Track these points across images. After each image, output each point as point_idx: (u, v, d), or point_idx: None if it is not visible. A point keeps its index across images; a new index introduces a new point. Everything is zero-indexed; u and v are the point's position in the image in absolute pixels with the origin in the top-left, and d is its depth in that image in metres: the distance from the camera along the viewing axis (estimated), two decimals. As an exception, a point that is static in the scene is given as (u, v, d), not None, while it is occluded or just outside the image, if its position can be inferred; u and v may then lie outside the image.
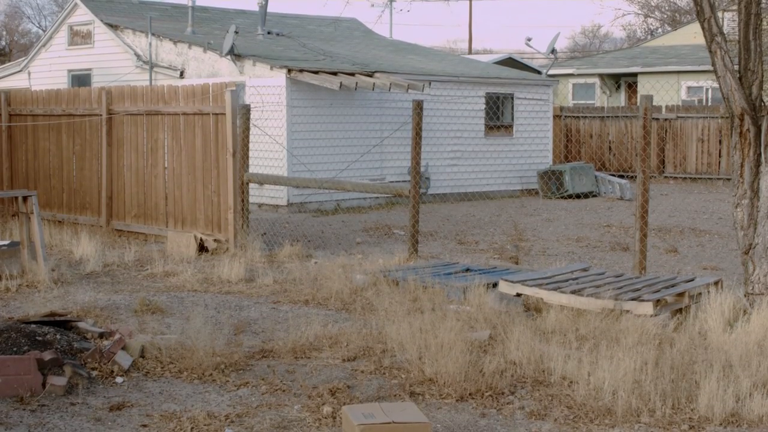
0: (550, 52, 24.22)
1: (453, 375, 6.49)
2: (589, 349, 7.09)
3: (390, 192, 13.50)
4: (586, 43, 65.86)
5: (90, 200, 14.65)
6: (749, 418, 5.89)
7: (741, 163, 8.41)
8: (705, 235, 14.93)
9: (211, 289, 10.10)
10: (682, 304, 8.38)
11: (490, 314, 8.27)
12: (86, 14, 22.66)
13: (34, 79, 23.48)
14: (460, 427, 5.83)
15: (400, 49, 25.06)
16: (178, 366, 6.92)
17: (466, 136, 21.51)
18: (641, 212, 9.70)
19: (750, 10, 8.24)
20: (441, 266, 10.69)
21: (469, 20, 49.79)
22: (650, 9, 53.40)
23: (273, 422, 5.85)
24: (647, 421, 5.87)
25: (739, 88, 8.30)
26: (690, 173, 25.10)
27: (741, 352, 6.91)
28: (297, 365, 7.09)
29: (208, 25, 23.22)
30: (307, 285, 10.11)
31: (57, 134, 15.13)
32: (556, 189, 21.45)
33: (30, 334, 6.81)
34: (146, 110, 13.71)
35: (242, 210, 12.46)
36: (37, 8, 79.05)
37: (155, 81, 20.51)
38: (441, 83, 20.81)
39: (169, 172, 13.43)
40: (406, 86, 18.84)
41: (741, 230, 8.45)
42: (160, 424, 5.82)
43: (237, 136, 12.44)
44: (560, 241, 14.24)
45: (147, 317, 8.64)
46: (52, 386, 6.25)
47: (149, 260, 11.70)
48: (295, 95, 18.46)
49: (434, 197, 19.96)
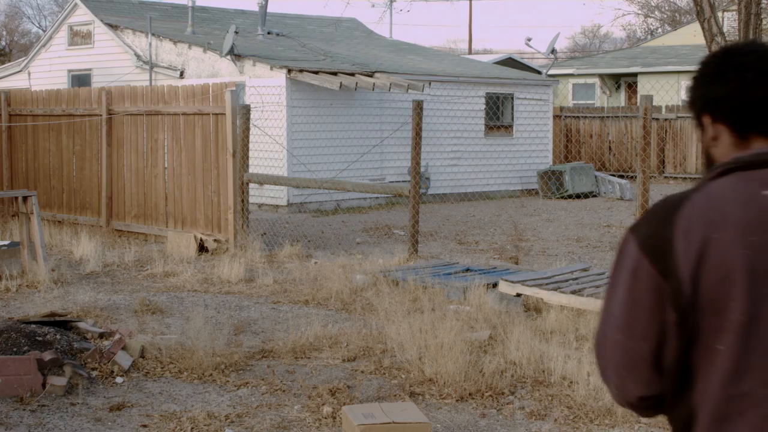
0: (550, 52, 24.22)
1: (453, 375, 6.49)
2: (589, 349, 7.09)
3: (390, 192, 13.51)
4: (586, 43, 65.89)
5: (90, 200, 14.65)
6: (749, 418, 5.89)
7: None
8: (705, 235, 14.91)
9: (211, 289, 10.10)
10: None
11: (490, 314, 8.27)
12: (86, 14, 22.66)
13: (34, 79, 23.48)
14: (460, 427, 5.83)
15: (400, 49, 25.07)
16: (178, 366, 6.92)
17: (466, 136, 21.51)
18: (641, 212, 9.70)
19: (750, 10, 8.25)
20: (441, 266, 10.69)
21: (469, 20, 49.82)
22: (650, 9, 53.42)
23: (273, 422, 5.85)
24: (647, 421, 5.87)
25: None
26: (690, 173, 25.10)
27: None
28: (297, 365, 7.09)
29: (208, 25, 23.23)
30: (307, 285, 10.11)
31: (57, 134, 15.13)
32: (556, 189, 21.46)
33: (30, 334, 6.81)
34: (146, 110, 13.71)
35: (242, 210, 12.46)
36: (37, 8, 79.12)
37: (155, 81, 20.51)
38: (441, 83, 20.81)
39: (169, 172, 13.43)
40: (406, 86, 18.84)
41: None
42: (160, 425, 5.82)
43: (237, 137, 12.44)
44: (560, 241, 14.24)
45: (147, 317, 8.64)
46: (52, 386, 6.26)
47: (149, 260, 11.70)
48: (295, 95, 18.47)
49: (434, 197, 19.96)
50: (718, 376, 2.00)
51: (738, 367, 1.99)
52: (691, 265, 1.99)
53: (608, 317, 2.10)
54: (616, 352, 2.08)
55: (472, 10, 50.49)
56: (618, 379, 2.10)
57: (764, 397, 1.98)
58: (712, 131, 2.16)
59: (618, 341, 2.07)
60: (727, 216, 2.01)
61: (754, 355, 1.98)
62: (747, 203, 2.02)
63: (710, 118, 2.16)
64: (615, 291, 2.10)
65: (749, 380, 1.98)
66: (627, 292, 2.06)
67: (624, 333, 2.06)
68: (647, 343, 2.04)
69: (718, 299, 1.99)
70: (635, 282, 2.05)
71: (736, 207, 2.02)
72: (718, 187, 2.06)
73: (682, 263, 2.00)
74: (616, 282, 2.10)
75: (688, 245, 2.00)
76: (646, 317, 2.03)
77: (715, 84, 2.14)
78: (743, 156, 2.09)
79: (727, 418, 2.00)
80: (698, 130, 2.23)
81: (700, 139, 2.23)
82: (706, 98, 2.16)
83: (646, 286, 2.03)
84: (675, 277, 2.00)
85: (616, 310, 2.08)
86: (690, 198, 2.06)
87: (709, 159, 2.20)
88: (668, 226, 2.03)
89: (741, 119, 2.11)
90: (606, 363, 2.12)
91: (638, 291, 2.04)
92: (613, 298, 2.10)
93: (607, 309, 2.11)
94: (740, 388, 1.99)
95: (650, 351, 2.04)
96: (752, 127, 2.11)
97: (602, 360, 2.13)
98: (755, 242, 1.99)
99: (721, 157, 2.15)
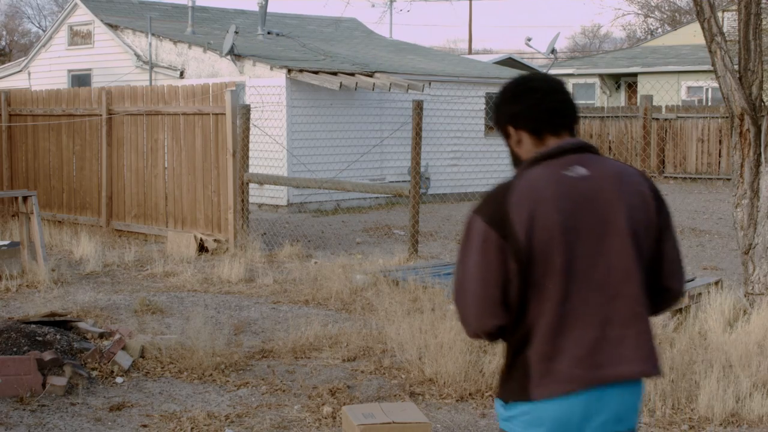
0: (550, 52, 24.22)
1: (453, 375, 6.49)
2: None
3: (390, 192, 13.50)
4: (586, 43, 65.88)
5: (90, 200, 14.65)
6: (749, 418, 5.89)
7: (741, 163, 8.41)
8: (705, 235, 14.93)
9: (211, 289, 10.10)
10: (682, 304, 8.38)
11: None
12: (86, 14, 22.66)
13: (34, 79, 23.48)
14: (460, 427, 5.83)
15: (400, 49, 25.07)
16: (178, 366, 6.92)
17: (466, 136, 21.51)
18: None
19: (750, 10, 8.23)
20: (441, 266, 10.69)
21: (469, 20, 49.82)
22: (650, 9, 53.42)
23: (273, 422, 5.85)
24: (647, 421, 5.87)
25: (739, 88, 8.30)
26: (690, 173, 25.11)
27: (741, 352, 6.91)
28: (297, 365, 7.09)
29: (208, 25, 23.23)
30: (307, 285, 10.11)
31: (57, 134, 15.13)
32: (556, 189, 21.45)
33: (30, 334, 6.81)
34: (146, 110, 13.71)
35: (242, 210, 12.46)
36: (37, 8, 79.11)
37: (155, 81, 20.51)
38: (441, 83, 20.81)
39: (169, 172, 13.44)
40: (406, 86, 18.84)
41: (741, 230, 8.45)
42: (160, 425, 5.82)
43: (237, 136, 12.44)
44: (560, 241, 14.22)
45: (147, 317, 8.64)
46: (52, 386, 6.26)
47: (149, 260, 11.70)
48: (295, 95, 18.46)
49: (434, 197, 19.96)
50: (550, 302, 2.84)
51: (564, 295, 2.85)
52: (524, 229, 2.83)
53: (465, 275, 2.90)
54: (476, 298, 2.88)
55: (472, 10, 50.51)
56: (477, 317, 2.91)
57: (583, 312, 2.86)
58: (516, 137, 3.03)
59: (477, 290, 2.87)
60: (544, 193, 2.87)
61: (573, 285, 2.85)
62: (556, 182, 2.89)
63: (513, 128, 3.03)
64: (469, 255, 2.90)
65: (571, 302, 2.85)
66: (480, 255, 2.87)
67: (480, 284, 2.86)
68: (498, 288, 2.86)
69: (545, 251, 2.83)
70: (486, 246, 2.86)
71: (549, 185, 2.88)
72: (533, 173, 2.93)
73: (518, 229, 2.83)
74: (469, 249, 2.90)
75: (520, 216, 2.84)
76: (496, 270, 2.85)
77: (514, 103, 3.01)
78: (545, 151, 2.97)
79: (560, 328, 2.85)
80: (505, 138, 3.09)
81: (507, 144, 3.10)
82: (509, 113, 3.03)
83: (494, 248, 2.85)
84: (514, 239, 2.83)
85: (473, 269, 2.88)
86: (515, 183, 2.94)
87: (516, 157, 3.08)
88: (504, 204, 2.88)
89: (537, 125, 2.99)
90: (466, 307, 2.92)
91: (489, 252, 2.85)
92: (469, 261, 2.89)
93: (464, 269, 2.91)
94: (566, 308, 2.85)
95: (500, 293, 2.86)
96: (546, 130, 2.99)
97: (463, 306, 2.93)
98: (565, 208, 2.86)
99: (526, 154, 3.03)
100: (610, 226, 2.89)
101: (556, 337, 2.85)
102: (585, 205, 2.89)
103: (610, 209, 2.90)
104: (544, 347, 2.85)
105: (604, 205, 2.90)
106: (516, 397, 2.92)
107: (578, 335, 2.85)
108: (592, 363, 2.85)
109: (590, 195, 2.90)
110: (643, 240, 2.93)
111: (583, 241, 2.87)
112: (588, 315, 2.86)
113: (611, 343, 2.87)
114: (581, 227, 2.87)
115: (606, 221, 2.89)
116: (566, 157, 2.95)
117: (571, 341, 2.85)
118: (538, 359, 2.86)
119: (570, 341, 2.85)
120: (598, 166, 2.95)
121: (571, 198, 2.87)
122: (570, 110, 3.02)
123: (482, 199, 3.00)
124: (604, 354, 2.87)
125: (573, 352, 2.85)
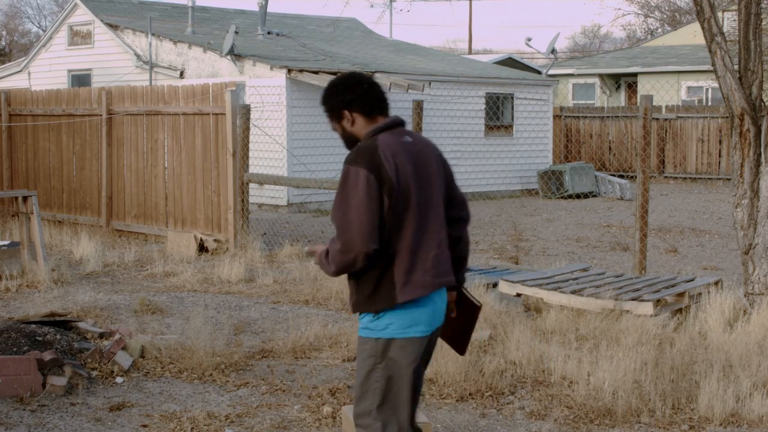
0: (550, 52, 24.22)
1: (453, 375, 6.49)
2: (589, 349, 7.10)
3: (390, 192, 13.48)
4: (586, 43, 65.88)
5: (90, 200, 14.65)
6: (749, 418, 5.89)
7: (741, 163, 8.41)
8: (705, 235, 14.93)
9: (211, 289, 10.10)
10: (682, 304, 8.38)
11: (490, 314, 8.27)
12: (86, 14, 22.66)
13: (34, 79, 23.49)
14: (460, 427, 5.83)
15: (400, 49, 25.07)
16: (178, 366, 6.92)
17: (466, 136, 21.51)
18: (641, 212, 9.70)
19: (750, 10, 8.23)
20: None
21: (469, 20, 49.81)
22: (650, 9, 53.42)
23: (273, 422, 5.85)
24: (647, 421, 5.87)
25: (739, 88, 8.30)
26: (690, 173, 25.11)
27: (741, 352, 6.91)
28: (297, 365, 7.09)
29: (208, 25, 23.23)
30: (307, 285, 10.11)
31: (57, 134, 15.13)
32: (556, 189, 21.46)
33: (30, 334, 6.81)
34: (146, 110, 13.71)
35: (242, 210, 12.46)
36: (37, 8, 79.13)
37: (155, 81, 20.51)
38: (441, 83, 20.82)
39: (169, 172, 13.43)
40: (406, 86, 18.83)
41: (741, 230, 8.45)
42: (160, 425, 5.82)
43: (237, 136, 12.44)
44: (560, 241, 14.24)
45: (147, 317, 8.64)
46: (52, 386, 6.26)
47: (149, 260, 11.70)
48: (295, 95, 18.47)
49: (434, 197, 19.93)
50: (410, 230, 4.00)
51: (419, 225, 4.02)
52: (393, 174, 3.95)
53: (350, 210, 3.91)
54: (363, 226, 3.89)
55: (472, 10, 50.50)
56: (363, 242, 3.90)
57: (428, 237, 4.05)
58: (351, 118, 4.15)
59: (363, 220, 3.89)
60: (397, 150, 4.02)
61: (424, 219, 4.05)
62: (399, 144, 4.05)
63: (348, 111, 4.14)
64: (353, 196, 3.91)
65: (424, 231, 4.04)
66: (365, 193, 3.90)
67: (366, 215, 3.90)
68: (377, 217, 3.92)
69: (406, 191, 3.99)
70: (368, 186, 3.91)
71: (397, 146, 4.04)
72: (383, 138, 4.05)
73: (390, 174, 3.94)
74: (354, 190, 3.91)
75: (390, 165, 3.95)
76: (377, 205, 3.93)
77: (347, 93, 4.14)
78: (382, 124, 4.12)
79: (415, 249, 4.01)
80: (337, 122, 4.21)
81: (340, 126, 4.20)
82: (345, 100, 4.14)
83: (374, 187, 3.92)
84: (388, 180, 3.94)
85: (359, 205, 3.90)
86: (377, 144, 4.00)
87: (349, 135, 4.18)
88: (376, 156, 3.95)
89: (370, 108, 4.15)
90: (353, 235, 3.91)
91: (371, 191, 3.91)
92: (352, 200, 3.91)
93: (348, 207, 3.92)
94: (421, 235, 4.03)
95: (378, 222, 3.93)
96: (375, 111, 4.16)
97: (349, 235, 3.91)
98: (411, 161, 4.04)
99: (360, 131, 4.15)
100: (432, 176, 4.11)
101: (414, 255, 4.00)
102: (418, 160, 4.08)
103: (430, 164, 4.13)
104: (406, 263, 3.98)
105: (426, 161, 4.11)
106: (385, 305, 3.99)
107: (425, 253, 4.02)
108: (435, 273, 4.04)
109: (418, 154, 4.10)
110: (445, 186, 4.19)
111: (423, 186, 4.05)
112: (430, 239, 4.04)
113: (441, 259, 4.08)
114: (421, 175, 4.06)
115: (430, 173, 4.11)
116: (396, 129, 4.13)
117: (422, 258, 4.01)
118: (401, 273, 3.98)
119: (421, 258, 4.01)
120: (414, 136, 4.17)
121: (410, 155, 4.05)
122: (386, 97, 4.20)
123: (356, 155, 3.99)
124: (440, 267, 4.07)
125: (424, 266, 4.01)
